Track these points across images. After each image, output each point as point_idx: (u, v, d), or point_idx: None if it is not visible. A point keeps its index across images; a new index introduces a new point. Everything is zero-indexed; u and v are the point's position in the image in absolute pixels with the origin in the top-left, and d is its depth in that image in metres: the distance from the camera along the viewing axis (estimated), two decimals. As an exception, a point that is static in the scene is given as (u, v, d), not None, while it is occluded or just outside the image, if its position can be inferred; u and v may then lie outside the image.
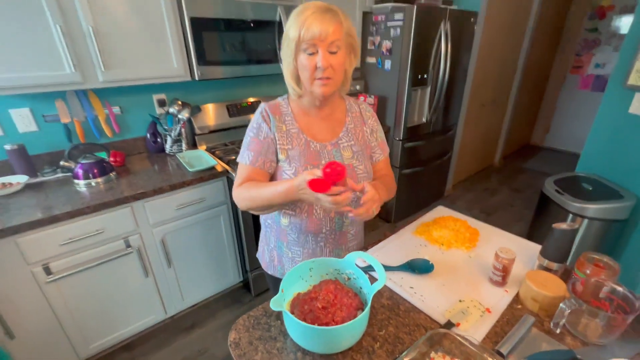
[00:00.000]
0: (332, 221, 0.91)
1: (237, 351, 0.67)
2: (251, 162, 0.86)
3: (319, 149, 0.88)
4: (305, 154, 0.86)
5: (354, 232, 0.98)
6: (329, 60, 0.76)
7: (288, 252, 0.96)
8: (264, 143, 0.86)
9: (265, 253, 1.04)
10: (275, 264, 1.01)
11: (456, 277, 0.84)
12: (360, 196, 0.76)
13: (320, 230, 0.91)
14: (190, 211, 1.58)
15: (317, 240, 0.93)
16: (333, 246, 0.95)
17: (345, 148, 0.90)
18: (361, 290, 0.74)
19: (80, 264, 1.33)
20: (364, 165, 0.91)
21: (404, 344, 0.68)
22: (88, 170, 1.46)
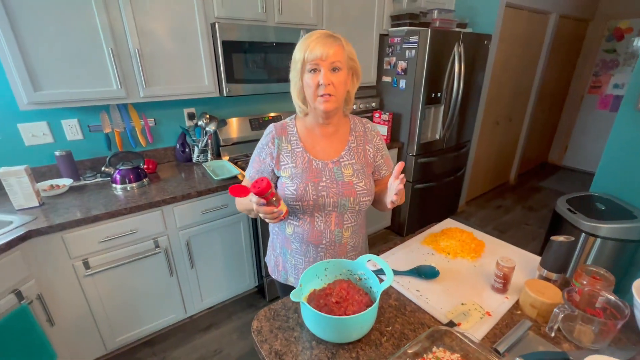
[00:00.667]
0: (332, 233, 0.98)
1: (259, 337, 0.76)
2: (250, 178, 1.01)
3: (320, 167, 0.96)
4: (307, 172, 0.95)
5: (353, 244, 1.03)
6: (330, 77, 0.85)
7: (291, 259, 1.04)
8: (263, 163, 0.98)
9: (271, 258, 1.13)
10: (280, 269, 1.09)
11: (460, 283, 0.91)
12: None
13: (321, 242, 0.98)
14: (213, 216, 1.70)
15: (318, 250, 1.00)
16: (332, 256, 1.01)
17: (346, 166, 0.97)
18: (371, 290, 0.82)
19: (115, 261, 1.46)
20: (364, 183, 0.97)
21: (408, 339, 0.75)
22: (125, 175, 1.62)
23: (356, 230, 1.02)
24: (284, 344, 0.74)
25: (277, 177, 0.99)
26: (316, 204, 0.93)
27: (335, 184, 0.95)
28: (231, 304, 2.04)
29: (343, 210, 0.96)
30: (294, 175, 0.94)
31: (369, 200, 0.98)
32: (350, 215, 0.98)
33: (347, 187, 0.95)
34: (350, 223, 0.99)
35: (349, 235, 1.00)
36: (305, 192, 0.92)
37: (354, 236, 1.02)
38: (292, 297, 0.70)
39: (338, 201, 0.94)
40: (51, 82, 1.36)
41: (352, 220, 0.99)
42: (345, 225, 0.98)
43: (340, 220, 0.97)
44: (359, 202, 0.96)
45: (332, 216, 0.96)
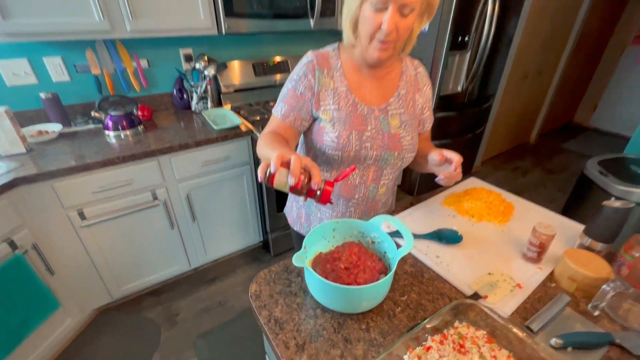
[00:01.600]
0: (366, 188, 0.88)
1: (257, 302, 0.68)
2: (282, 116, 0.81)
3: (366, 113, 0.81)
4: (352, 117, 0.80)
5: (384, 201, 0.95)
6: (395, 22, 0.67)
7: (317, 211, 0.95)
8: (300, 99, 0.80)
9: (293, 209, 1.03)
10: (302, 221, 1.00)
11: (486, 250, 0.80)
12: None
13: (353, 196, 0.89)
14: (214, 169, 1.60)
15: (348, 205, 0.91)
16: (362, 212, 0.93)
17: (393, 116, 0.83)
18: (385, 255, 0.72)
19: (112, 212, 1.40)
20: (410, 137, 0.85)
21: (426, 311, 0.66)
22: (117, 122, 1.49)
23: (390, 187, 0.94)
24: (284, 311, 0.65)
25: (312, 118, 0.83)
26: (357, 155, 0.81)
27: (380, 135, 0.82)
28: (236, 257, 2.02)
29: (384, 164, 0.85)
30: (337, 120, 0.79)
31: (412, 157, 0.88)
32: (389, 171, 0.88)
33: (392, 140, 0.82)
34: (388, 179, 0.89)
35: (383, 192, 0.91)
36: (347, 142, 0.79)
37: (387, 193, 0.94)
38: (295, 261, 0.60)
39: (381, 155, 0.82)
40: (22, 9, 1.18)
41: (390, 176, 0.89)
42: (382, 181, 0.88)
43: (378, 175, 0.87)
44: (402, 158, 0.85)
45: (370, 170, 0.85)
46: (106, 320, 1.62)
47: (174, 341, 1.53)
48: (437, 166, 0.80)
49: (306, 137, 0.88)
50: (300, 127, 0.83)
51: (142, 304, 1.72)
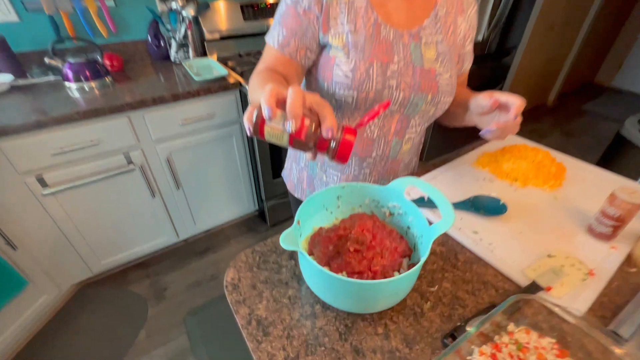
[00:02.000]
0: (387, 144, 0.67)
1: (234, 295, 0.50)
2: (280, 45, 0.59)
3: (392, 39, 0.58)
4: (373, 44, 0.57)
5: (407, 162, 0.75)
6: None
7: (322, 174, 0.75)
8: (303, 19, 0.57)
9: (293, 172, 0.83)
10: (303, 186, 0.81)
11: (539, 223, 0.61)
12: None
13: (369, 154, 0.68)
14: (197, 128, 1.38)
15: (362, 165, 0.70)
16: (380, 175, 0.73)
17: (428, 44, 0.60)
18: (408, 232, 0.53)
19: (78, 178, 1.20)
20: (449, 75, 0.62)
21: (465, 307, 0.48)
22: (79, 71, 1.25)
23: (416, 144, 0.74)
24: (271, 308, 0.48)
25: (319, 47, 0.61)
26: (378, 97, 0.59)
27: (410, 71, 0.59)
28: (229, 227, 1.86)
29: (412, 112, 0.63)
30: (353, 47, 0.57)
31: (449, 103, 0.65)
32: (418, 121, 0.66)
33: (426, 78, 0.60)
34: (415, 132, 0.68)
35: (408, 149, 0.70)
36: (366, 78, 0.57)
37: (412, 151, 0.74)
38: (284, 241, 0.40)
39: (410, 97, 0.60)
40: None
41: (418, 128, 0.68)
42: (407, 134, 0.67)
43: (403, 126, 0.65)
44: (437, 103, 0.63)
45: (393, 119, 0.64)
46: (89, 295, 1.49)
47: (162, 317, 1.41)
48: (484, 115, 0.59)
49: (308, 77, 0.66)
50: (305, 59, 0.60)
51: (128, 278, 1.58)
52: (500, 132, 0.55)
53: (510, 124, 0.54)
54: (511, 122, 0.54)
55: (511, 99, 0.54)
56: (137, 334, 1.35)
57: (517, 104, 0.53)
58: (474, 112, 0.60)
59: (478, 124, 0.62)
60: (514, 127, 0.56)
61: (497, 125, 0.54)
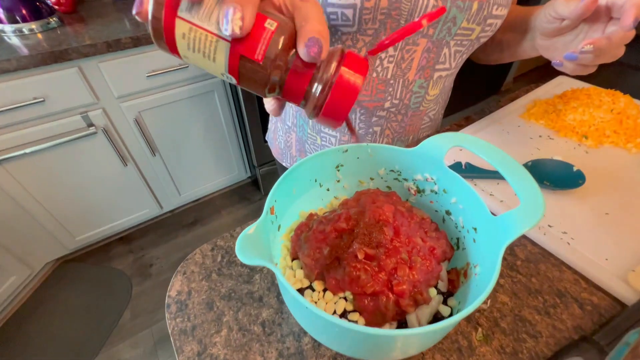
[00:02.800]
0: (407, 88, 0.45)
1: (178, 321, 0.32)
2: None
3: None
4: None
5: (432, 116, 0.54)
6: None
7: (315, 137, 0.55)
8: None
9: (278, 134, 0.63)
10: (292, 152, 0.61)
11: (630, 201, 0.42)
12: None
13: (382, 104, 0.47)
14: (169, 82, 1.14)
15: (371, 121, 0.49)
16: (395, 135, 0.52)
17: None
18: (446, 220, 0.34)
19: (27, 144, 1.00)
20: None
21: (537, 337, 0.30)
22: (13, 9, 0.99)
23: (447, 88, 0.52)
24: (234, 343, 0.30)
25: None
26: (394, 8, 0.37)
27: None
28: (219, 197, 1.69)
29: (446, 34, 0.41)
30: None
31: (502, 19, 0.42)
32: (453, 50, 0.44)
33: None
34: (448, 69, 0.46)
35: (435, 95, 0.49)
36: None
37: (440, 100, 0.52)
38: (241, 252, 0.22)
39: (446, 6, 0.38)
40: None
41: (453, 62, 0.46)
42: (436, 72, 0.45)
43: (432, 59, 0.44)
44: (486, 18, 0.40)
45: (418, 48, 0.42)
46: (68, 273, 1.36)
47: (147, 296, 1.29)
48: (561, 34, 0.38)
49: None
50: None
51: (110, 253, 1.45)
52: (594, 56, 0.34)
53: (617, 38, 0.32)
54: (620, 35, 0.32)
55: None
56: (121, 315, 1.23)
57: (636, 2, 0.31)
58: (544, 30, 0.39)
59: (546, 51, 0.41)
60: (619, 48, 0.34)
61: (594, 42, 0.32)
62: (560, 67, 0.37)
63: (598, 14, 0.34)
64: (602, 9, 0.34)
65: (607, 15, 0.34)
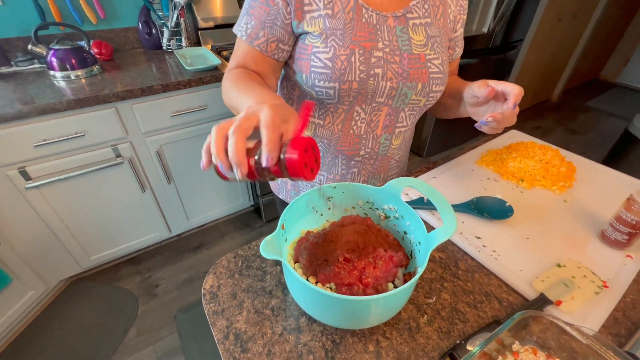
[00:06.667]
0: (376, 140, 0.62)
1: (212, 305, 0.45)
2: (248, 37, 0.54)
3: (375, 22, 0.53)
4: (354, 28, 0.52)
5: (398, 158, 0.70)
6: None
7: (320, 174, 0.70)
8: (272, 6, 0.51)
9: None
10: (288, 187, 0.76)
11: (547, 229, 0.56)
12: None
13: (357, 152, 0.63)
14: (189, 120, 1.32)
15: (350, 164, 0.65)
16: (369, 174, 0.68)
17: (416, 28, 0.55)
18: (405, 238, 0.48)
19: (63, 171, 1.15)
20: (440, 61, 0.57)
21: (465, 322, 0.43)
22: (64, 59, 1.19)
23: (407, 139, 0.69)
24: (252, 321, 0.43)
25: (294, 38, 0.55)
26: (362, 88, 0.54)
27: (397, 57, 0.54)
28: (223, 223, 1.82)
29: (401, 103, 0.58)
30: (331, 33, 0.52)
31: (441, 92, 0.60)
32: (408, 113, 0.61)
33: (415, 65, 0.55)
34: (405, 126, 0.63)
35: (398, 144, 0.66)
36: (348, 66, 0.52)
37: (403, 146, 0.69)
38: (264, 249, 0.36)
39: (398, 87, 0.55)
40: None
41: (409, 120, 0.63)
42: (397, 128, 0.62)
43: (392, 120, 0.60)
44: (428, 93, 0.57)
45: (381, 113, 0.59)
46: (78, 291, 1.46)
47: (153, 315, 1.38)
48: (479, 106, 0.55)
49: (286, 69, 0.61)
50: (278, 53, 0.55)
51: (119, 274, 1.55)
52: (497, 124, 0.51)
53: (507, 114, 0.49)
54: (509, 112, 0.49)
55: (509, 86, 0.49)
56: (126, 332, 1.31)
57: (515, 92, 0.49)
58: (468, 102, 0.56)
59: (473, 115, 0.57)
60: (512, 118, 0.51)
61: (493, 116, 0.50)
62: (480, 128, 0.53)
63: (498, 96, 0.51)
64: (500, 93, 0.51)
65: (504, 97, 0.51)
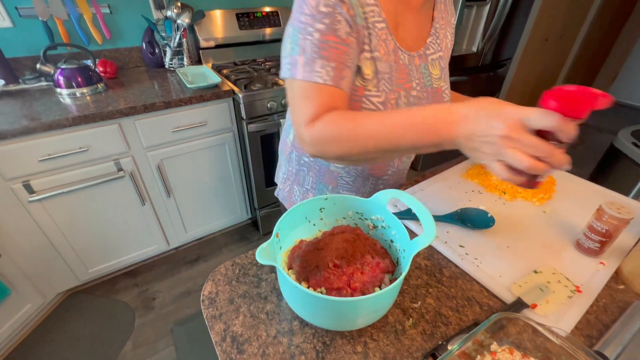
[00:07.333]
0: (400, 159, 0.70)
1: (210, 310, 0.48)
2: (333, 80, 0.48)
3: (407, 63, 0.57)
4: (396, 71, 0.55)
5: (405, 170, 0.77)
6: None
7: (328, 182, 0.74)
8: (348, 44, 0.49)
9: (294, 194, 0.79)
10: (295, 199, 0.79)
11: (526, 238, 0.60)
12: None
13: (386, 172, 0.70)
14: (189, 135, 1.37)
15: (378, 183, 0.72)
16: (388, 187, 0.74)
17: (433, 62, 0.60)
18: (392, 245, 0.51)
19: (66, 185, 1.19)
20: (448, 88, 0.64)
21: (448, 325, 0.46)
22: (70, 77, 1.24)
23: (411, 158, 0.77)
24: (248, 324, 0.46)
25: None
26: None
27: (425, 93, 0.60)
28: (221, 236, 1.84)
29: None
30: (381, 77, 0.54)
31: None
32: None
33: (436, 97, 0.61)
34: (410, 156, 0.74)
35: (409, 160, 0.74)
36: (395, 107, 0.57)
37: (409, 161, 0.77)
38: (260, 256, 0.39)
39: None
40: None
41: None
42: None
43: None
44: None
45: None
46: (75, 304, 1.46)
47: (149, 328, 1.38)
48: None
49: None
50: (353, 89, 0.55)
51: (117, 286, 1.55)
52: None
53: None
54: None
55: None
56: (123, 345, 1.31)
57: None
58: None
59: None
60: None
61: None
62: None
63: None
64: None
65: None
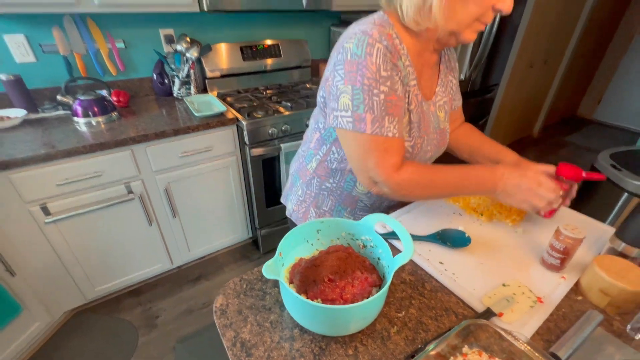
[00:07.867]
0: None
1: (222, 320, 0.55)
2: (400, 133, 0.62)
3: (426, 110, 0.68)
4: (422, 119, 0.67)
5: None
6: None
7: (351, 218, 0.82)
8: (403, 99, 0.62)
9: (311, 216, 0.86)
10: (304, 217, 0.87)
11: (499, 255, 0.68)
12: None
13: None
14: (195, 160, 1.46)
15: (390, 202, 0.82)
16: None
17: (440, 108, 0.72)
18: (379, 262, 0.59)
19: (80, 207, 1.27)
20: (449, 127, 0.76)
21: (427, 331, 0.54)
22: (87, 107, 1.35)
23: None
24: (254, 332, 0.53)
25: None
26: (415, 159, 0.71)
27: (436, 135, 0.72)
28: (222, 255, 1.90)
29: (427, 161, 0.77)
30: (413, 125, 0.66)
31: None
32: None
33: (442, 137, 0.74)
34: None
35: None
36: (420, 150, 0.69)
37: None
38: (266, 271, 0.47)
39: (433, 154, 0.74)
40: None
41: None
42: None
43: None
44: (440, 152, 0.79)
45: None
46: (80, 322, 1.50)
47: (152, 346, 1.42)
48: None
49: None
50: None
51: (121, 305, 1.60)
52: None
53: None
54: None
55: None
56: (126, 363, 1.35)
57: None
58: None
59: None
60: None
61: None
62: None
63: None
64: None
65: None
